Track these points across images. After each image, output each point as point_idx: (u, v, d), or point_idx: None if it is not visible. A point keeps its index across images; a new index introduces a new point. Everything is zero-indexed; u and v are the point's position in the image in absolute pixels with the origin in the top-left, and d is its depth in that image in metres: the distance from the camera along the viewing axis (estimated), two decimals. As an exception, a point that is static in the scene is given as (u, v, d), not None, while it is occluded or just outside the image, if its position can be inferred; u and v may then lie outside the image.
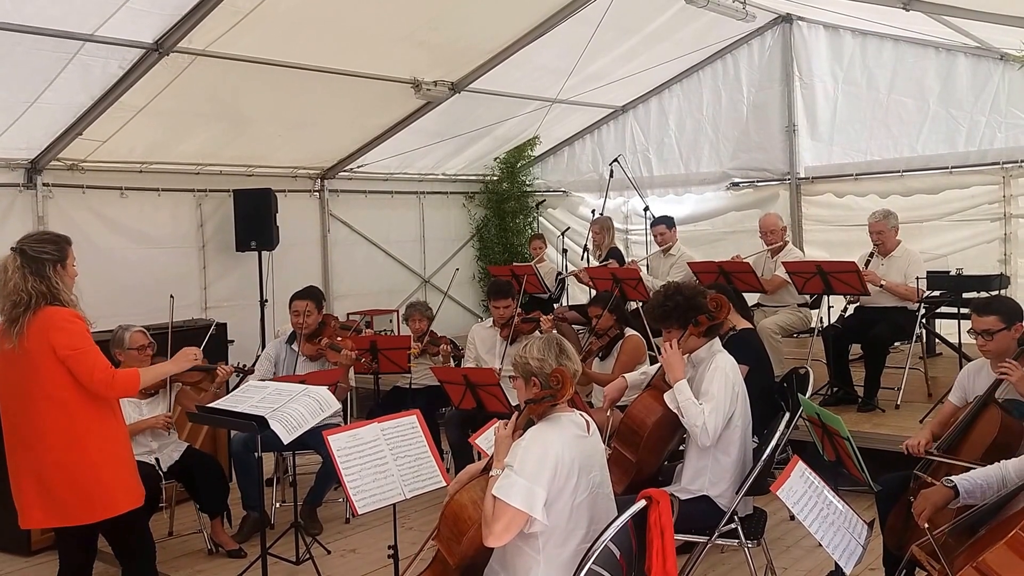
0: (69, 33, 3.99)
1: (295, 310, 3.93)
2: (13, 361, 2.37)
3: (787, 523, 3.57)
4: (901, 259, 4.42)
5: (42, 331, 2.33)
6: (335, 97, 5.51)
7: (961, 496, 2.22)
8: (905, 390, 4.28)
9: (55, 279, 2.37)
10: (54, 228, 5.27)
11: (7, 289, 2.34)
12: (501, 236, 7.75)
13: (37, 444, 2.37)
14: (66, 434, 2.36)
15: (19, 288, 2.33)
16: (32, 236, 2.45)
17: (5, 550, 3.57)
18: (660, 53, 6.19)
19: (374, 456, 2.43)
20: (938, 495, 2.25)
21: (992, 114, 5.57)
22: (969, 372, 2.88)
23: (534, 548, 2.03)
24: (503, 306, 4.30)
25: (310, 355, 3.92)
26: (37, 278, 2.34)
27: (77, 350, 2.33)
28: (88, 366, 2.34)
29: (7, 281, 2.34)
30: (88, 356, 2.35)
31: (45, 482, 2.37)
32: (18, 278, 2.33)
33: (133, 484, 2.50)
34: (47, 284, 2.35)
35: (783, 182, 6.54)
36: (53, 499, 2.38)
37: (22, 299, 2.33)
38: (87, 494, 2.37)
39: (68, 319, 2.35)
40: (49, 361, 2.33)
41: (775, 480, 2.18)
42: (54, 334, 2.32)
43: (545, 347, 2.16)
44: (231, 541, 3.54)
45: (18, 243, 2.41)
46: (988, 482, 2.23)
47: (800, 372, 3.21)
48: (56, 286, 2.37)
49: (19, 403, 2.39)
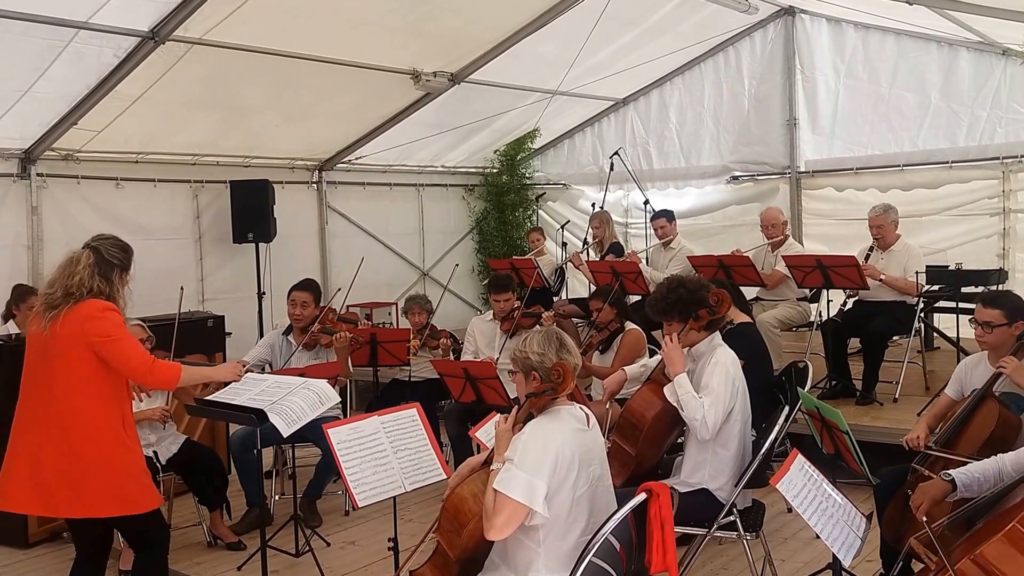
0: (62, 20, 3.93)
1: (293, 300, 3.92)
2: (41, 345, 2.40)
3: (785, 515, 3.59)
4: (901, 253, 4.42)
5: (78, 319, 2.37)
6: (333, 87, 5.47)
7: (959, 490, 2.23)
8: (903, 384, 4.30)
9: (117, 283, 2.48)
10: (48, 219, 5.27)
11: (71, 281, 2.39)
12: (501, 229, 7.74)
13: (63, 433, 2.38)
14: (94, 423, 2.38)
15: (83, 283, 2.39)
16: (106, 239, 2.52)
17: (3, 543, 3.56)
18: (661, 45, 6.16)
19: (374, 449, 2.43)
20: (936, 489, 2.26)
21: (993, 109, 5.56)
22: (967, 366, 2.89)
23: (535, 541, 2.03)
24: (503, 300, 4.30)
25: (305, 345, 3.91)
26: (103, 279, 2.43)
27: (110, 337, 2.39)
28: (124, 352, 2.40)
29: (74, 274, 2.40)
30: (123, 343, 2.41)
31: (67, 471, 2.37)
32: (86, 275, 2.41)
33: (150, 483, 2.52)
34: (110, 286, 2.45)
35: (783, 176, 6.53)
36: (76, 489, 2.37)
37: (80, 293, 2.38)
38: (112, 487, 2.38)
39: (105, 308, 2.41)
40: (80, 350, 2.36)
41: (774, 473, 2.18)
42: (89, 323, 2.37)
43: (545, 341, 2.15)
44: (230, 533, 3.54)
45: (92, 241, 2.50)
46: (985, 475, 2.24)
47: (799, 366, 3.21)
48: (117, 290, 2.47)
49: (43, 392, 2.41)
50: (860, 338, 4.40)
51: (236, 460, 3.71)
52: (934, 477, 2.34)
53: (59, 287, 2.41)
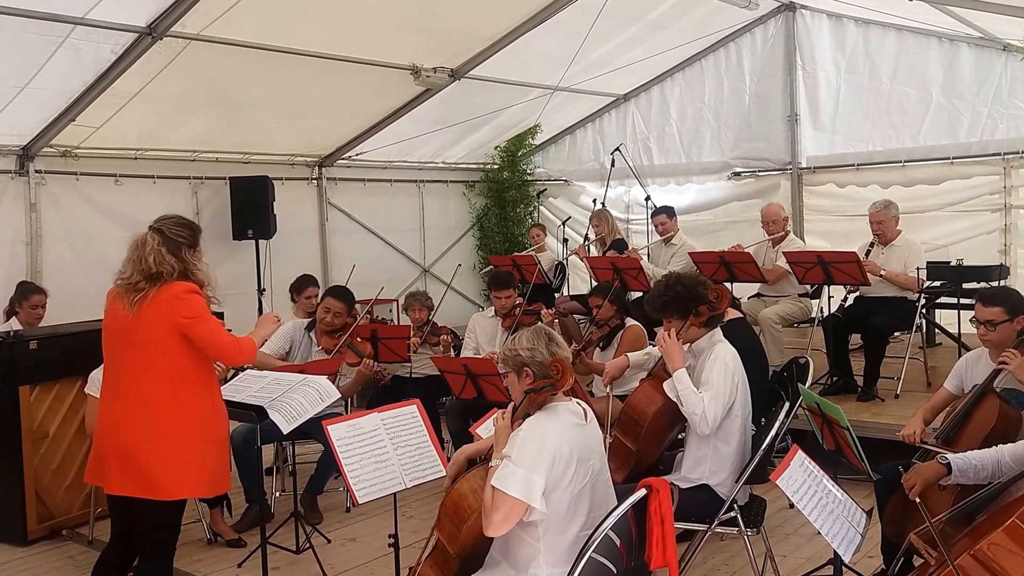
0: (57, 16, 3.91)
1: (327, 307, 3.90)
2: (128, 329, 2.42)
3: (786, 511, 3.58)
4: (902, 249, 4.41)
5: (165, 301, 2.40)
6: (333, 83, 5.45)
7: (954, 474, 2.23)
8: (905, 380, 4.30)
9: (190, 260, 2.49)
10: (47, 216, 5.24)
11: (145, 263, 2.43)
12: (502, 225, 7.72)
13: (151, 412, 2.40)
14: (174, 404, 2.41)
15: (158, 262, 2.42)
16: (169, 219, 2.54)
17: (3, 540, 3.56)
18: (662, 41, 6.14)
19: (374, 446, 2.42)
20: (930, 471, 2.27)
21: (994, 105, 5.55)
22: (967, 361, 2.88)
23: (534, 536, 2.03)
24: (504, 296, 4.30)
25: (327, 347, 3.89)
26: (173, 257, 2.45)
27: (198, 317, 2.42)
28: (213, 330, 2.45)
29: (143, 257, 2.43)
30: (212, 323, 2.46)
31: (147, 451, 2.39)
32: (157, 255, 2.43)
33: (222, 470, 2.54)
34: (183, 264, 2.47)
35: (784, 172, 6.52)
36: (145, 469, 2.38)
37: (159, 272, 2.42)
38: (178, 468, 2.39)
39: (191, 290, 2.45)
40: (167, 330, 2.39)
41: (775, 469, 2.18)
42: (177, 303, 2.40)
43: (534, 336, 2.15)
44: (230, 531, 3.54)
45: (156, 223, 2.51)
46: (983, 463, 2.24)
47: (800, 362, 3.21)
48: (192, 266, 2.50)
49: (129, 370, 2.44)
50: (861, 334, 4.39)
51: (236, 457, 3.70)
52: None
53: (134, 271, 2.44)
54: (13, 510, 3.52)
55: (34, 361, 3.56)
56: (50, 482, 3.60)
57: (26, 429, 3.53)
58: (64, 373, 3.64)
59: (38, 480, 3.56)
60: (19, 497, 3.49)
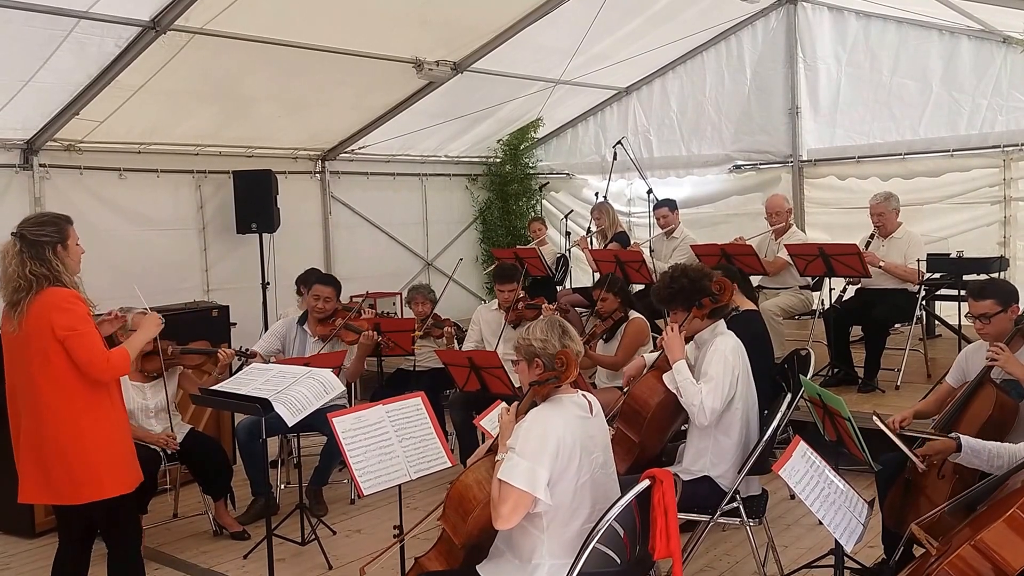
0: (62, 10, 3.91)
1: (316, 294, 3.92)
2: (16, 343, 2.38)
3: (788, 502, 3.61)
4: (902, 240, 4.42)
5: (42, 311, 2.32)
6: (336, 77, 5.44)
7: (963, 451, 2.28)
8: (905, 371, 4.31)
9: (55, 261, 2.36)
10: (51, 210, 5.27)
11: (7, 275, 2.34)
12: (504, 219, 7.72)
13: (36, 421, 2.39)
14: (61, 413, 2.36)
15: (18, 274, 2.33)
16: (31, 219, 2.43)
17: (10, 532, 3.60)
18: (664, 34, 6.12)
19: (379, 438, 2.44)
20: (941, 443, 2.35)
21: (994, 97, 5.54)
22: (968, 353, 2.90)
23: (538, 527, 2.05)
24: (508, 289, 4.32)
25: (322, 335, 3.93)
26: (37, 262, 2.33)
27: (75, 331, 2.32)
28: (86, 348, 2.33)
29: (7, 267, 2.34)
30: (85, 338, 2.34)
31: (41, 459, 2.40)
32: (17, 264, 2.33)
33: (123, 469, 2.48)
34: (47, 267, 2.34)
35: (785, 165, 6.51)
36: (47, 476, 2.40)
37: (21, 284, 2.33)
38: (75, 474, 2.38)
39: (68, 300, 2.34)
40: (47, 340, 2.33)
41: (776, 460, 2.20)
42: (55, 314, 2.31)
43: (548, 328, 2.16)
44: (235, 523, 3.56)
45: (18, 227, 2.40)
46: (998, 451, 2.29)
47: (801, 353, 3.23)
48: (57, 268, 2.36)
49: (22, 383, 2.41)
50: (862, 326, 4.41)
51: (241, 450, 3.74)
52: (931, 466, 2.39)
53: (4, 285, 2.35)
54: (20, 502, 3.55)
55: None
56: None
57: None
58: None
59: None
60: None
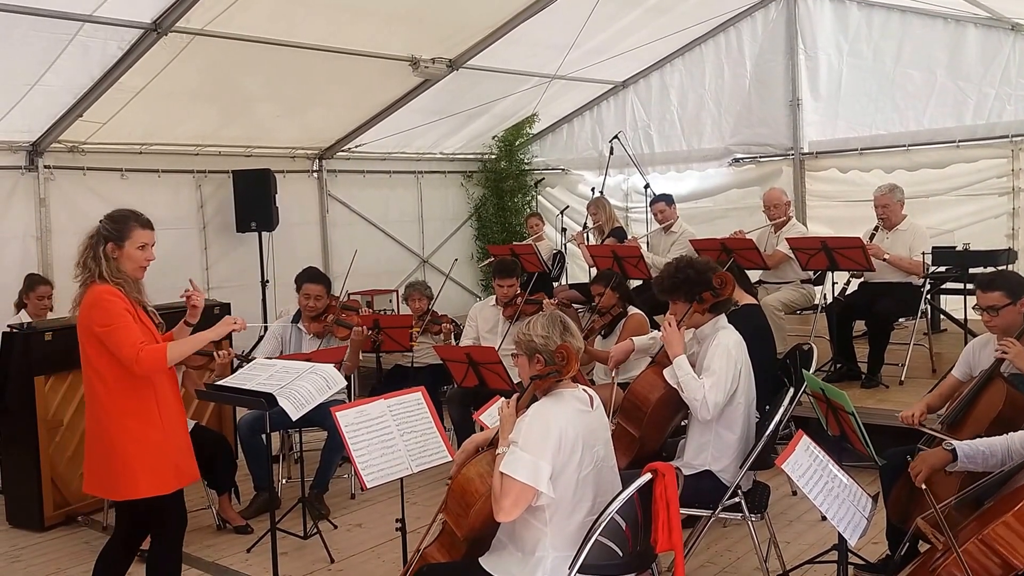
0: (67, 14, 3.97)
1: (306, 293, 3.94)
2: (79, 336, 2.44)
3: (790, 498, 3.60)
4: (907, 233, 4.38)
5: (86, 307, 2.38)
6: (333, 76, 5.45)
7: (960, 460, 2.22)
8: (909, 366, 4.27)
9: (102, 257, 2.39)
10: (56, 211, 5.30)
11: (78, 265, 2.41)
12: (500, 215, 7.72)
13: (92, 416, 2.45)
14: (104, 408, 2.41)
15: (77, 263, 2.40)
16: (109, 214, 2.47)
17: (20, 526, 3.63)
18: (661, 26, 6.08)
19: (381, 431, 2.45)
20: (935, 457, 2.26)
21: (1002, 86, 5.46)
22: (975, 347, 2.86)
23: (541, 521, 2.05)
24: (507, 285, 4.30)
25: (316, 332, 3.95)
26: (92, 254, 2.39)
27: (109, 327, 2.34)
28: (118, 341, 2.33)
29: (79, 258, 2.41)
30: (117, 332, 2.33)
31: (93, 452, 2.46)
32: (80, 252, 2.40)
33: (164, 471, 2.44)
34: (97, 261, 2.38)
35: (786, 157, 6.47)
36: (95, 469, 2.45)
37: (78, 274, 2.40)
38: (113, 472, 2.42)
39: (106, 295, 2.36)
40: (91, 337, 2.38)
41: (778, 455, 2.18)
42: (94, 311, 2.36)
43: (549, 324, 2.16)
44: (238, 517, 3.57)
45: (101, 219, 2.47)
46: (991, 450, 2.23)
47: (803, 348, 3.21)
48: (108, 265, 2.38)
49: (86, 375, 2.47)
50: (866, 320, 4.37)
51: (244, 445, 3.75)
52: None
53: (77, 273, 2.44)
54: (30, 497, 3.59)
55: (48, 352, 3.61)
56: (65, 469, 3.67)
57: (41, 418, 3.60)
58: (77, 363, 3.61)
59: (53, 467, 3.63)
60: (36, 484, 3.57)
